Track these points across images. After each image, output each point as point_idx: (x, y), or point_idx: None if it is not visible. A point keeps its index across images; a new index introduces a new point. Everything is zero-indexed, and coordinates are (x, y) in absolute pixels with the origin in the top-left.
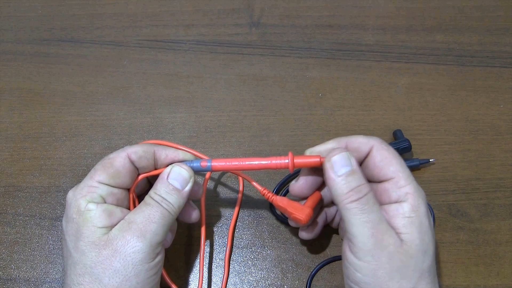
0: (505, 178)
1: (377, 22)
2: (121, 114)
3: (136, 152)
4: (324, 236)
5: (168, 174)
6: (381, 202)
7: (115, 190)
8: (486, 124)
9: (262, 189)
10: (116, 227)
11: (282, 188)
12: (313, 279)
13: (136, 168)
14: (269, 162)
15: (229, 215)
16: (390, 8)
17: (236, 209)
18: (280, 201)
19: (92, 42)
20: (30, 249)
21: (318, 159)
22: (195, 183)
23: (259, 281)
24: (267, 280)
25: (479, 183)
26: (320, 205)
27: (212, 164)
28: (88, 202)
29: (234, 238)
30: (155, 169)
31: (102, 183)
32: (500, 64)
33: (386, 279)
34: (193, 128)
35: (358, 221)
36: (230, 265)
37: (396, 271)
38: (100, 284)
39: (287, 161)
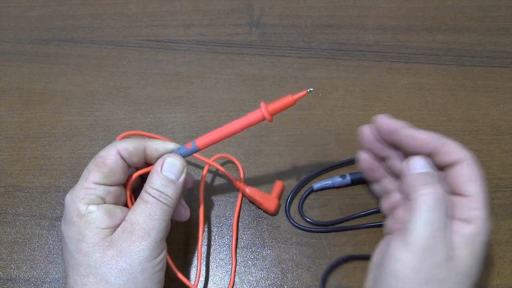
0: (505, 178)
1: (377, 22)
2: (121, 114)
3: (127, 149)
4: (324, 237)
5: (162, 167)
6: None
7: (112, 189)
8: (486, 124)
9: (234, 179)
10: (119, 229)
11: (303, 186)
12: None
13: (127, 164)
14: (248, 120)
15: (228, 215)
16: (390, 8)
17: (239, 196)
18: (251, 191)
19: (92, 42)
20: (30, 249)
21: (290, 98)
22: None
23: (259, 281)
24: (267, 280)
25: None
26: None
27: (196, 144)
28: (88, 205)
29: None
30: (145, 163)
31: (98, 183)
32: (500, 64)
33: (423, 282)
34: (193, 128)
35: (423, 218)
36: (230, 264)
37: (436, 281)
38: (107, 284)
39: (262, 112)
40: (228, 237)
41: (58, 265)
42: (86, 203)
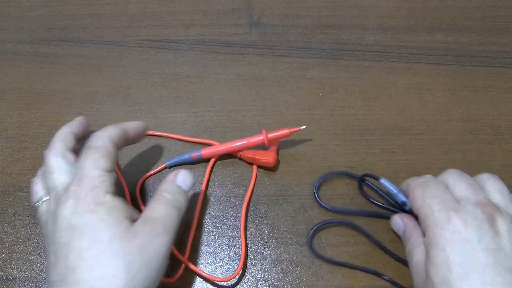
0: (505, 178)
1: (377, 22)
2: (121, 114)
3: (119, 137)
4: (324, 237)
5: (176, 177)
6: None
7: (114, 178)
8: (486, 124)
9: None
10: (139, 221)
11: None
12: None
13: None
14: (248, 141)
15: (228, 214)
16: (390, 8)
17: (254, 169)
18: (247, 152)
19: (92, 42)
20: (30, 249)
21: (287, 131)
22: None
23: (259, 281)
24: (267, 280)
25: None
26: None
27: (201, 153)
28: (106, 193)
29: (233, 239)
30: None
31: (107, 171)
32: (500, 64)
33: None
34: (193, 128)
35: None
36: (230, 264)
37: None
38: (128, 275)
39: (262, 137)
40: (228, 237)
41: None
42: (104, 191)
